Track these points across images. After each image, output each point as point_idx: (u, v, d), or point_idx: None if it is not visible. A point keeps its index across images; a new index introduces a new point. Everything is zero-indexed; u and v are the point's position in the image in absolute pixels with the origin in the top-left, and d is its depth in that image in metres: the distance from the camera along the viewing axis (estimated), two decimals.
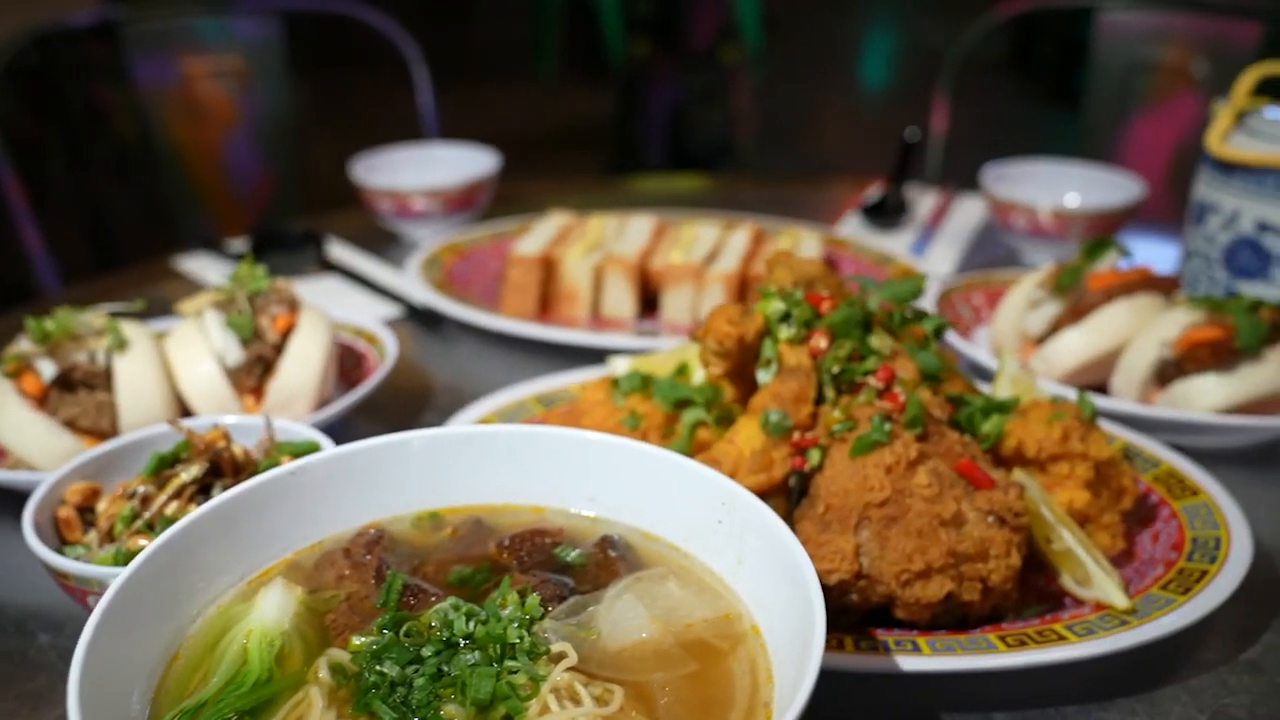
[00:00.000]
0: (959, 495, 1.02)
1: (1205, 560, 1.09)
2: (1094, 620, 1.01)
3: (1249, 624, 1.10)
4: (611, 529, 0.98)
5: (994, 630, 1.01)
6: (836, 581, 1.00)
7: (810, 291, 1.19)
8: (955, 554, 0.99)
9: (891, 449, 1.03)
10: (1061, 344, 1.45)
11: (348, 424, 1.45)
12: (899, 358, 1.15)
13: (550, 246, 1.73)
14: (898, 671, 0.94)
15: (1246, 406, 1.34)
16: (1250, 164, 1.58)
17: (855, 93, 7.79)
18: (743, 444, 1.09)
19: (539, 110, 7.69)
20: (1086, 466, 1.12)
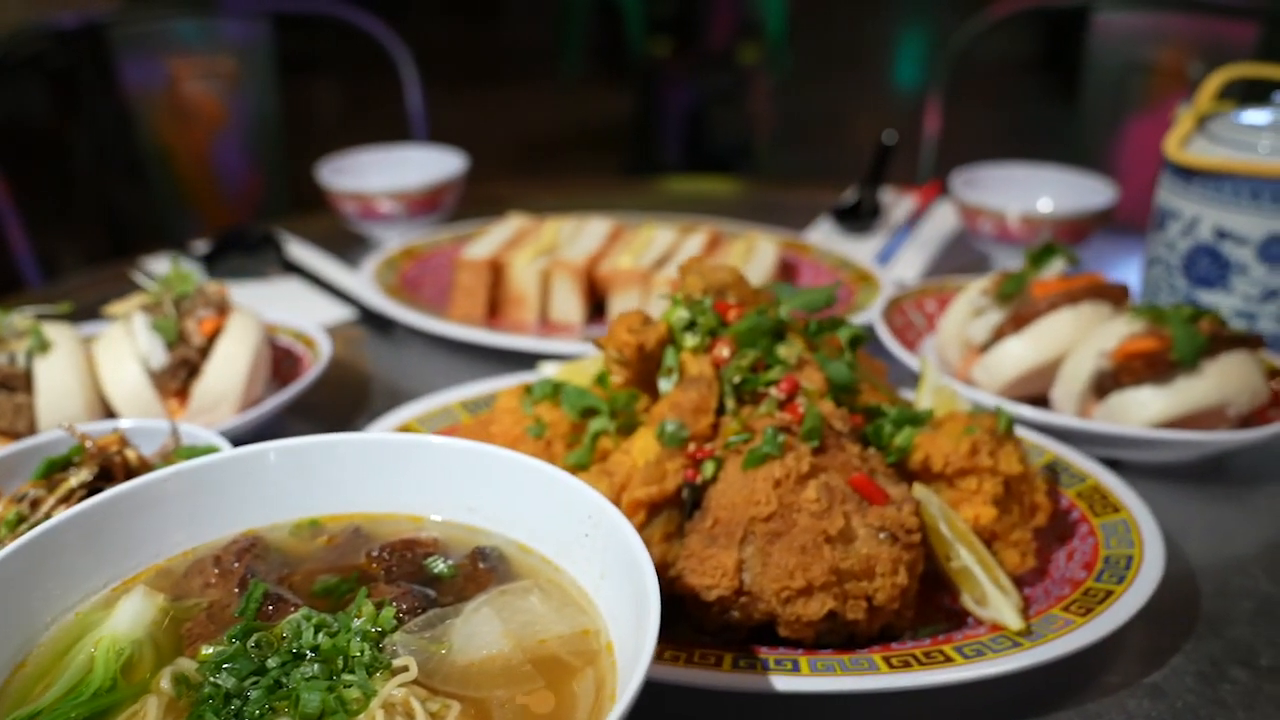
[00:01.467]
0: (850, 511, 1.00)
1: (1113, 580, 1.05)
2: (986, 641, 0.98)
3: (1158, 645, 1.06)
4: (489, 540, 0.96)
5: (881, 650, 0.98)
6: (716, 598, 0.98)
7: (719, 300, 1.17)
8: (838, 571, 0.96)
9: (782, 462, 1.01)
10: (1002, 353, 1.42)
11: (282, 425, 1.45)
12: (806, 368, 1.12)
13: (501, 250, 1.72)
14: (772, 691, 0.92)
15: (1183, 420, 1.30)
16: (1208, 170, 1.54)
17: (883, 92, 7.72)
18: (637, 454, 1.08)
19: (562, 111, 7.70)
20: (995, 482, 1.09)
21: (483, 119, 7.64)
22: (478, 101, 8.13)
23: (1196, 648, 1.06)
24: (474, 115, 7.71)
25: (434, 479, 0.99)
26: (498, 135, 7.42)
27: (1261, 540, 1.23)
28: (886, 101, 7.18)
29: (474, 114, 7.71)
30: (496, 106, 7.90)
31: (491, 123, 7.61)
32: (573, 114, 7.64)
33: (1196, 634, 1.08)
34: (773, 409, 1.08)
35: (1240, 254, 1.54)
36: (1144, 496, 1.29)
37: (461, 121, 7.93)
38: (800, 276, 1.85)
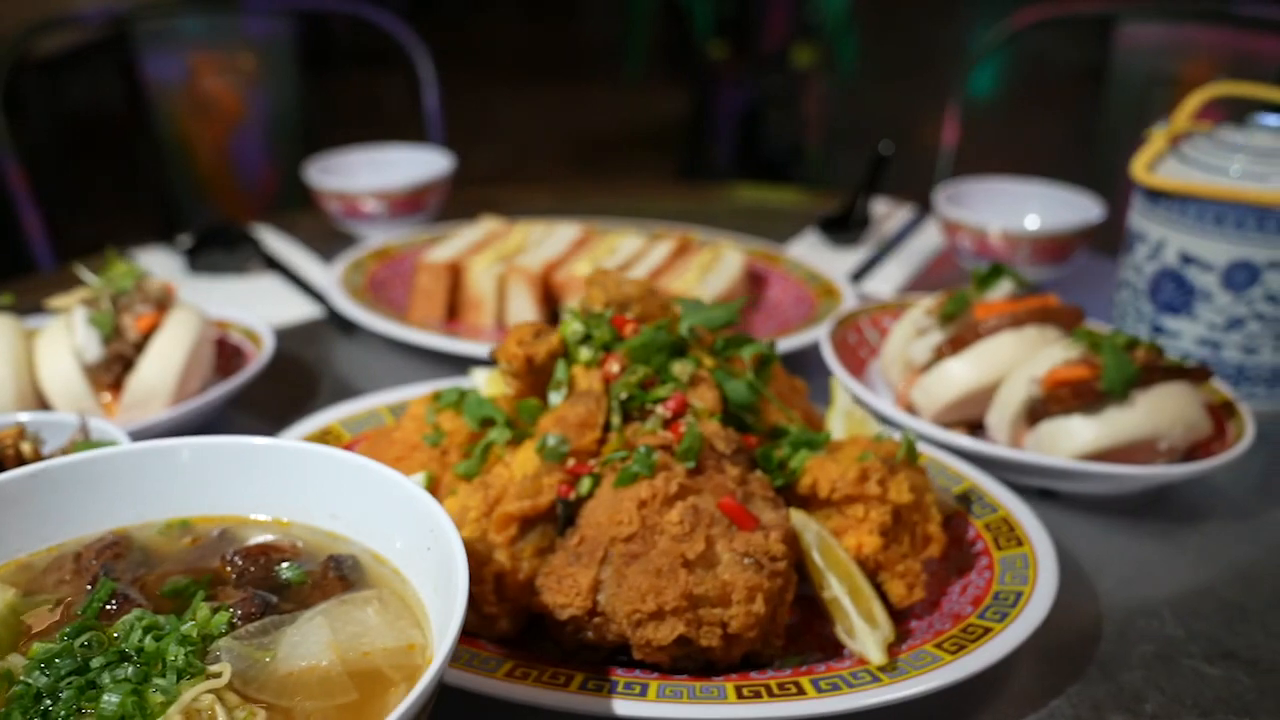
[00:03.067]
0: (717, 535, 0.98)
1: (996, 618, 1.02)
2: (846, 675, 0.96)
3: (1042, 686, 1.03)
4: (347, 548, 0.97)
5: (738, 679, 0.96)
6: (569, 616, 0.97)
7: (619, 314, 1.16)
8: (692, 597, 0.95)
9: (651, 483, 1.00)
10: (940, 375, 1.38)
11: (226, 420, 1.48)
12: (700, 386, 1.11)
13: (463, 254, 1.73)
14: (612, 715, 0.91)
15: (1112, 452, 1.25)
16: (1173, 192, 1.48)
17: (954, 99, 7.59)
18: (517, 468, 1.07)
19: (623, 110, 7.72)
20: (883, 511, 1.06)
21: (546, 116, 7.71)
22: (544, 98, 8.19)
23: (1082, 691, 1.02)
24: (538, 112, 7.79)
25: (300, 485, 0.99)
26: (557, 132, 7.48)
27: (1179, 581, 1.18)
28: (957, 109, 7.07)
29: (538, 111, 7.79)
30: (560, 104, 7.95)
31: (553, 120, 7.67)
32: (633, 114, 7.66)
33: (1086, 677, 1.04)
34: (657, 427, 1.07)
35: (1205, 280, 1.48)
36: (1070, 530, 1.26)
37: (523, 118, 8.00)
38: (769, 287, 1.82)
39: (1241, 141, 1.49)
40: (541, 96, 8.10)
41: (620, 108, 7.83)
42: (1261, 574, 1.19)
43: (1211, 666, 1.05)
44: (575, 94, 8.11)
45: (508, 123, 7.60)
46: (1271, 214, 1.42)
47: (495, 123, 7.59)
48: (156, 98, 2.67)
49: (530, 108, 7.84)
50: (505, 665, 0.97)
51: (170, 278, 1.91)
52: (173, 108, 2.69)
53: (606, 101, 7.99)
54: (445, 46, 9.49)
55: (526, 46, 9.46)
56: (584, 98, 8.05)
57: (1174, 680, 1.03)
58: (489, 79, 8.37)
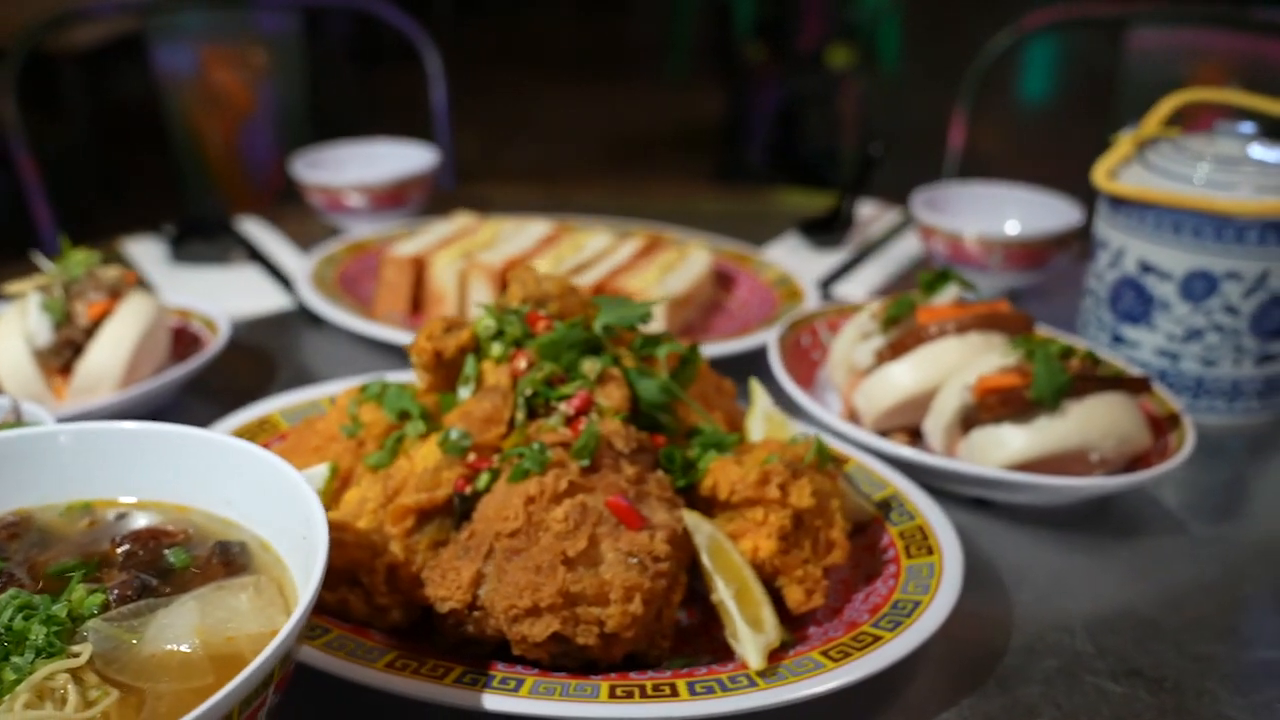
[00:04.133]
0: (604, 534, 0.98)
1: (889, 626, 1.01)
2: (724, 679, 0.95)
3: (935, 699, 1.01)
4: (239, 534, 0.98)
5: (616, 679, 0.96)
6: (449, 610, 0.98)
7: (535, 310, 1.17)
8: (569, 594, 0.95)
9: (540, 479, 1.00)
10: (878, 380, 1.37)
11: (182, 405, 1.50)
12: (609, 385, 1.11)
13: (429, 248, 1.74)
14: (481, 709, 0.91)
15: (1042, 463, 1.23)
16: (1131, 199, 1.45)
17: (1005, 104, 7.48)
18: (419, 461, 1.08)
19: (664, 109, 7.72)
20: (783, 515, 1.05)
21: (587, 113, 7.74)
22: (588, 96, 8.21)
23: (976, 704, 1.00)
24: (580, 109, 7.82)
25: (198, 471, 1.01)
26: (597, 130, 7.50)
27: (1100, 596, 1.16)
28: (1005, 113, 6.97)
29: (580, 108, 7.82)
30: (603, 101, 7.98)
31: (595, 118, 7.70)
32: (674, 113, 7.65)
33: (983, 690, 1.02)
34: (559, 424, 1.07)
35: (1163, 290, 1.45)
36: (1000, 540, 1.24)
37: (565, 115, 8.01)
38: (737, 288, 1.82)
39: (1206, 149, 1.45)
40: (585, 94, 8.14)
41: (662, 107, 7.83)
42: (1185, 592, 1.16)
43: (1115, 684, 1.03)
44: (619, 92, 8.13)
45: (549, 120, 7.64)
46: (1229, 223, 1.39)
47: (536, 119, 7.63)
48: (168, 90, 2.72)
49: (573, 105, 7.87)
50: (388, 656, 0.97)
51: (154, 267, 1.96)
52: (184, 100, 2.75)
53: (649, 100, 7.99)
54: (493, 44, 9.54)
55: (575, 44, 9.50)
56: (627, 96, 8.07)
57: (1073, 696, 1.01)
58: (534, 76, 8.43)
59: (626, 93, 8.16)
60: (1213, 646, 1.08)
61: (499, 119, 7.61)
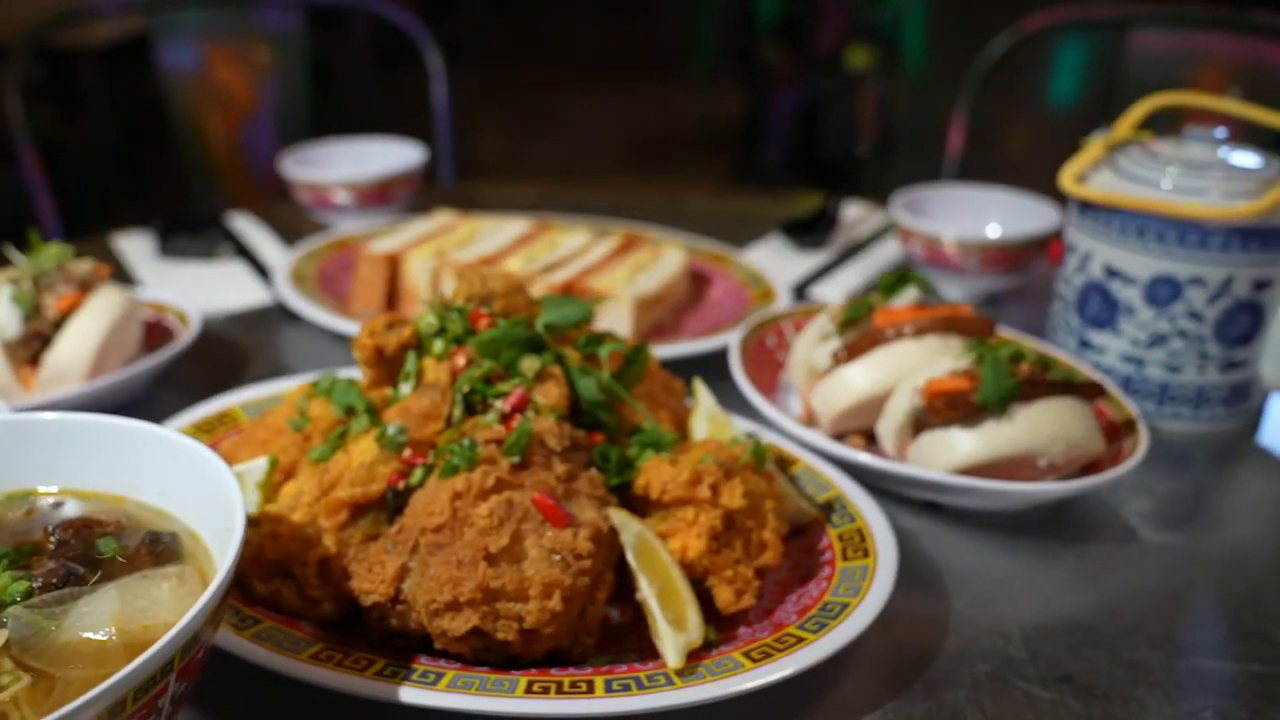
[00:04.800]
0: (529, 530, 0.99)
1: (814, 628, 1.01)
2: (642, 677, 0.96)
3: (862, 702, 1.01)
4: (172, 525, 1.00)
5: (534, 675, 0.97)
6: (372, 603, 0.99)
7: (479, 308, 1.18)
8: (488, 590, 0.95)
9: (468, 475, 1.01)
10: (834, 382, 1.36)
11: (153, 398, 1.53)
12: (547, 383, 1.12)
13: (404, 246, 1.76)
14: (397, 701, 0.92)
15: (989, 467, 1.22)
16: (1096, 203, 1.44)
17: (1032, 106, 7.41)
18: (356, 455, 1.09)
19: (686, 109, 7.72)
20: (714, 515, 1.05)
21: (609, 113, 7.75)
22: (611, 95, 8.23)
23: (900, 708, 1.00)
24: (602, 109, 7.84)
25: (135, 462, 1.03)
26: (619, 130, 7.52)
27: (1041, 602, 1.15)
28: (1037, 116, 6.90)
29: (603, 108, 7.84)
30: (625, 101, 7.99)
31: (617, 117, 7.71)
32: (695, 114, 7.66)
33: (909, 693, 1.02)
34: (494, 421, 1.08)
35: (1128, 294, 1.43)
36: (948, 544, 1.24)
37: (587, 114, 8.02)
38: (713, 288, 1.82)
39: (1175, 154, 1.44)
40: (609, 93, 8.15)
41: (683, 107, 7.83)
42: (1127, 600, 1.15)
43: (1044, 690, 1.02)
44: (642, 92, 8.14)
45: (572, 118, 7.67)
46: (1193, 229, 1.37)
47: (560, 118, 7.66)
48: (171, 87, 2.75)
49: (596, 104, 7.89)
50: (314, 648, 0.99)
51: (141, 261, 1.99)
52: (187, 97, 2.78)
53: (671, 100, 8.00)
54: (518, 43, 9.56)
55: (601, 44, 9.52)
56: (650, 96, 8.08)
57: (999, 702, 1.01)
58: (558, 75, 8.46)
59: (649, 93, 8.17)
60: (1147, 655, 1.07)
61: (523, 117, 7.64)
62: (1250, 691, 1.02)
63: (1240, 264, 1.37)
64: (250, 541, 1.06)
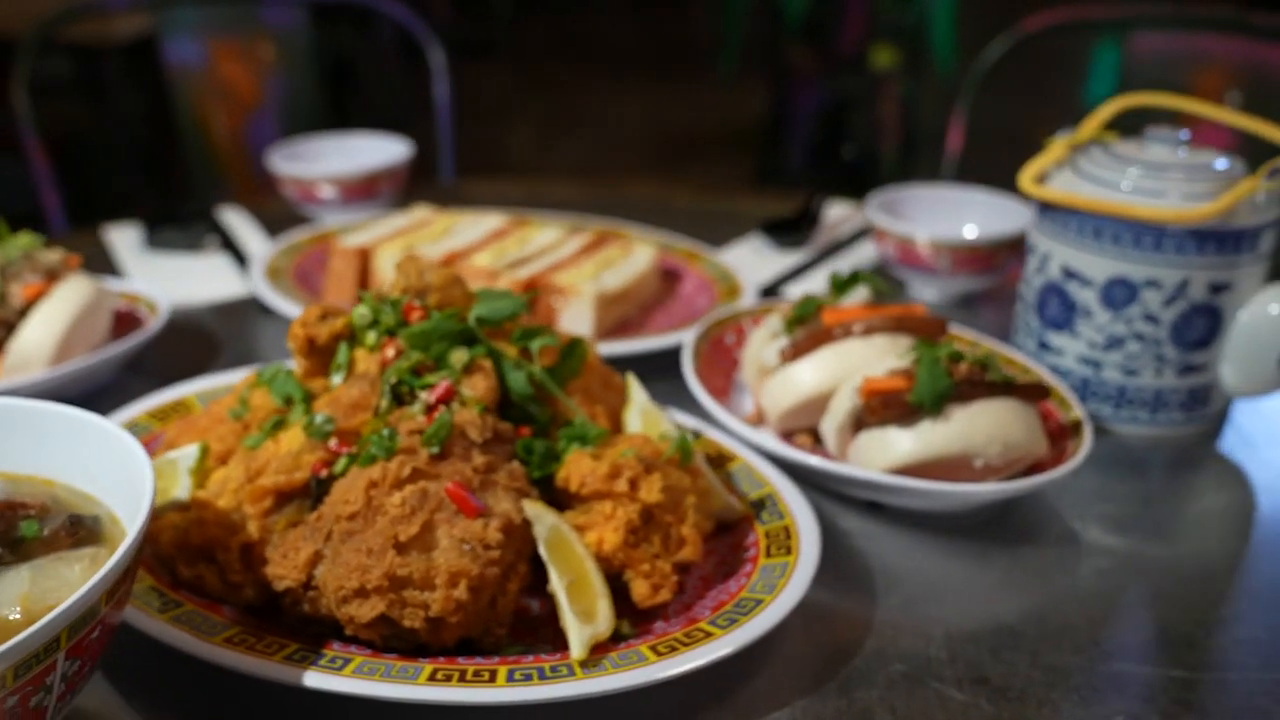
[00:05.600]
0: (441, 520, 1.00)
1: (725, 624, 1.01)
2: (546, 668, 0.96)
3: (772, 699, 1.01)
4: (96, 509, 1.02)
5: (441, 663, 0.97)
6: (284, 589, 1.00)
7: (415, 300, 1.19)
8: (395, 578, 0.97)
9: (385, 465, 1.02)
10: (780, 380, 1.36)
11: (121, 386, 1.55)
12: (474, 375, 1.13)
13: (377, 240, 1.77)
14: (300, 684, 0.93)
15: (928, 467, 1.22)
16: (1054, 203, 1.43)
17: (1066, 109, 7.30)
18: (284, 444, 1.11)
19: (713, 108, 7.72)
20: (631, 509, 1.06)
21: (637, 111, 7.77)
22: (639, 94, 8.23)
23: (810, 706, 1.00)
24: (630, 107, 7.86)
25: (65, 445, 1.05)
26: (645, 128, 7.53)
27: (969, 604, 1.14)
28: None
29: (630, 106, 7.86)
30: (653, 100, 8.00)
31: (644, 116, 7.73)
32: (722, 113, 7.65)
33: (821, 692, 1.02)
34: (419, 413, 1.09)
35: (1085, 296, 1.42)
36: (885, 543, 1.24)
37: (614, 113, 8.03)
38: (683, 285, 1.82)
39: (1135, 155, 1.42)
40: (638, 92, 8.17)
41: (711, 106, 7.83)
42: (1058, 603, 1.14)
43: (958, 691, 1.02)
44: (671, 91, 8.15)
45: (600, 116, 7.69)
46: (1148, 230, 1.36)
47: (588, 116, 7.68)
48: (176, 82, 2.80)
49: (625, 102, 7.91)
50: (229, 631, 1.00)
51: (128, 253, 2.02)
52: (192, 92, 2.82)
53: (699, 100, 8.00)
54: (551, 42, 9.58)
55: (633, 43, 9.53)
56: (678, 95, 8.09)
57: (911, 702, 1.00)
58: (589, 74, 8.49)
59: (678, 92, 8.18)
60: (1069, 658, 1.06)
61: (553, 115, 7.68)
62: (1167, 696, 1.01)
63: (1196, 266, 1.35)
64: (176, 526, 1.08)
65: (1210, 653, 1.07)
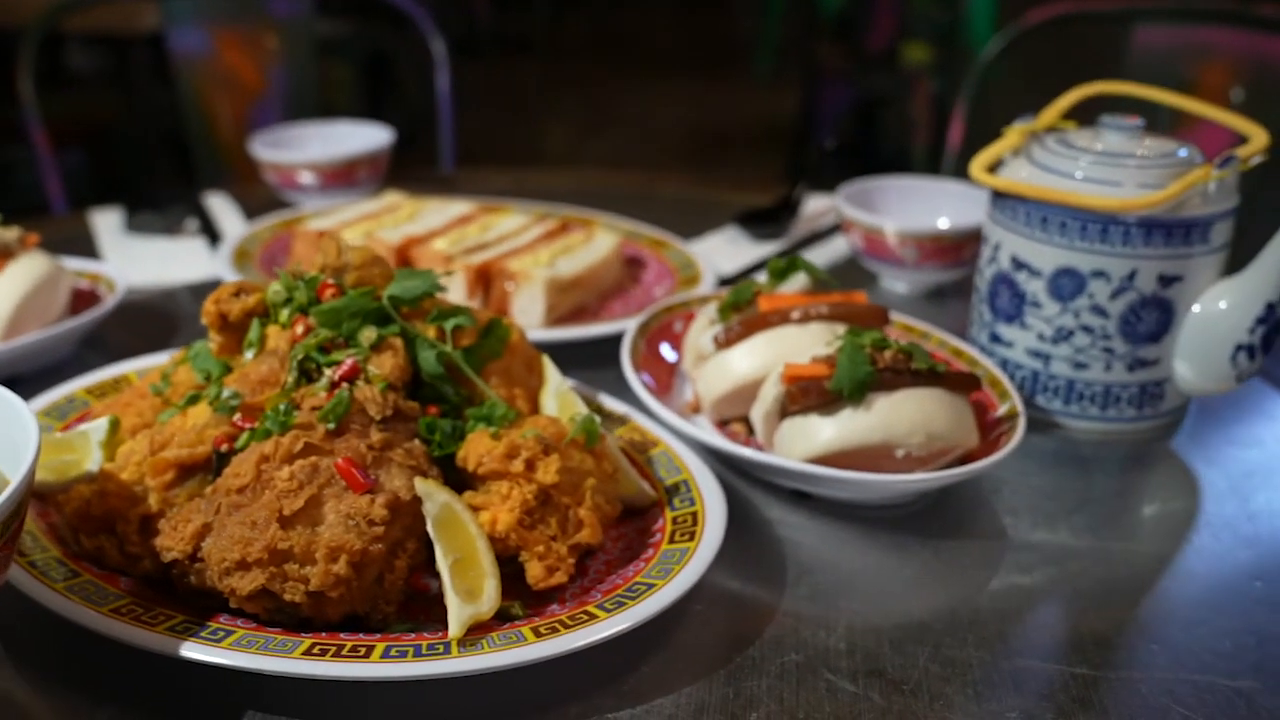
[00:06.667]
0: (330, 495, 1.00)
1: (612, 607, 1.00)
2: (422, 645, 0.96)
3: (658, 682, 0.99)
4: None
5: (321, 638, 0.97)
6: (171, 559, 1.00)
7: (331, 278, 1.19)
8: (276, 551, 0.96)
9: (278, 439, 1.02)
10: (713, 367, 1.34)
11: (79, 360, 1.57)
12: (382, 353, 1.12)
13: (340, 224, 1.78)
14: (176, 654, 0.93)
15: (848, 457, 1.19)
16: (1003, 192, 1.40)
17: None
18: (191, 418, 1.11)
19: (747, 105, 7.68)
20: (527, 490, 1.05)
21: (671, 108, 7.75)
22: (675, 91, 8.22)
23: (695, 693, 0.98)
24: (664, 104, 7.85)
25: None
26: (677, 125, 7.51)
27: (879, 595, 1.12)
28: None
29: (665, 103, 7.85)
30: (689, 97, 7.98)
31: (677, 113, 7.70)
32: (754, 110, 7.62)
33: (710, 679, 1.00)
34: (323, 389, 1.09)
35: (1033, 287, 1.39)
36: (808, 533, 1.22)
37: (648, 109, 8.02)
38: (646, 272, 1.81)
39: (1089, 144, 1.39)
40: (674, 90, 8.15)
41: (745, 104, 7.80)
42: (970, 598, 1.12)
43: (851, 683, 0.99)
44: (707, 89, 8.13)
45: (636, 113, 7.68)
46: (1094, 219, 1.32)
47: (624, 113, 7.68)
48: (181, 70, 2.83)
49: (661, 100, 7.89)
50: (118, 601, 1.01)
51: (109, 235, 2.05)
52: (196, 80, 2.86)
53: (735, 98, 7.97)
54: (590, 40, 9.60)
55: (672, 41, 9.52)
56: (715, 93, 8.06)
57: (799, 692, 0.98)
58: (627, 71, 8.48)
59: (715, 90, 8.15)
60: (972, 653, 1.03)
61: (588, 111, 7.69)
62: (1066, 694, 0.98)
63: (1144, 257, 1.32)
64: (81, 497, 1.09)
65: (1119, 652, 1.04)
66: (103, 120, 4.94)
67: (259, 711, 0.96)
